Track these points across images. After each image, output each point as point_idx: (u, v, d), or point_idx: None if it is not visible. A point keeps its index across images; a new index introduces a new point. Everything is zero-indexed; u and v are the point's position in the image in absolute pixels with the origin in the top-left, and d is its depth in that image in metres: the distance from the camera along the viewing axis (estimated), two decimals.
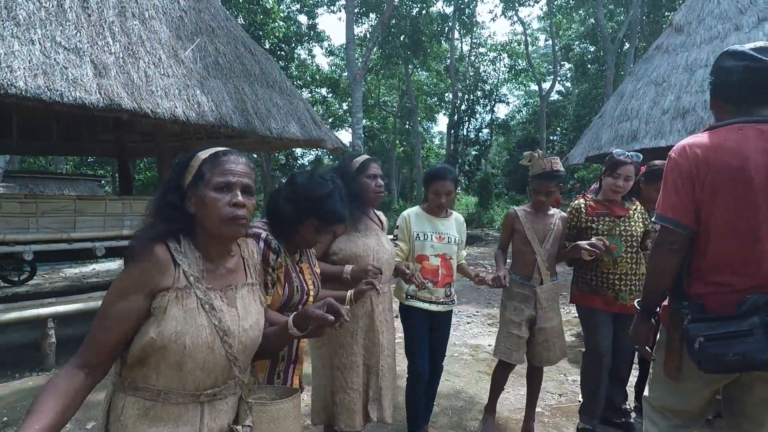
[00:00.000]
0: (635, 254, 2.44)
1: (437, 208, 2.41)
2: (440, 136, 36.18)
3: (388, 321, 2.19)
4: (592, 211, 2.50)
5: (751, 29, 10.04)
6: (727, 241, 1.40)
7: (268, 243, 1.43)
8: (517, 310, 2.49)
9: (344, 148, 7.43)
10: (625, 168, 2.40)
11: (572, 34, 26.10)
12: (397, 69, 22.20)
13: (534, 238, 2.45)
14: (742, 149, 1.37)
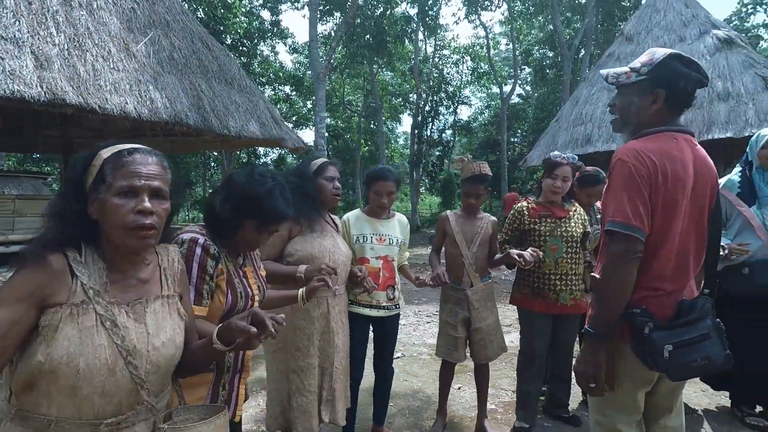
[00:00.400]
0: (575, 254, 2.51)
1: (379, 209, 2.39)
2: (405, 136, 36.41)
3: (343, 323, 2.20)
4: (534, 213, 2.55)
5: (693, 41, 10.69)
6: (669, 246, 1.41)
7: (206, 248, 1.35)
8: (452, 312, 2.56)
9: (306, 147, 7.35)
10: (562, 169, 2.46)
11: (532, 40, 26.90)
12: (361, 68, 22.15)
13: (462, 241, 2.52)
14: (683, 158, 1.40)
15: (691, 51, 10.46)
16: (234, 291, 1.41)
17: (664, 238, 1.40)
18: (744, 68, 9.40)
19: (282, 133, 6.36)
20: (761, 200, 2.48)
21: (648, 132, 1.45)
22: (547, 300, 2.51)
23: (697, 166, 1.43)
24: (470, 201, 2.53)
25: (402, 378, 3.54)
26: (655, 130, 1.44)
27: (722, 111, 9.18)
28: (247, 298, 1.45)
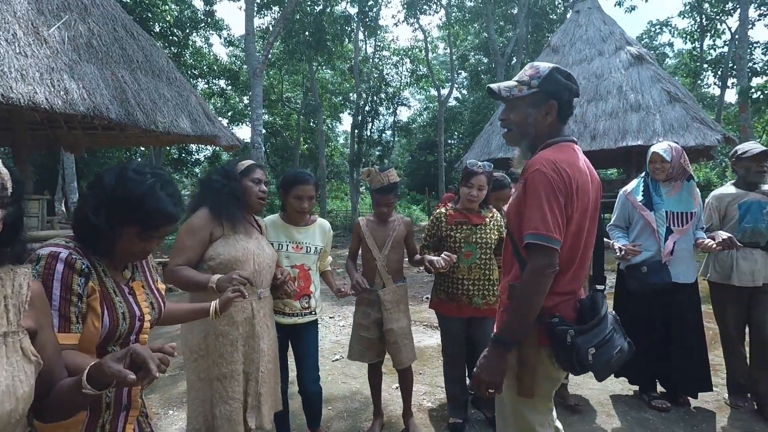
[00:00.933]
0: (488, 261, 2.55)
1: (298, 215, 2.31)
2: (345, 135, 36.33)
3: (269, 326, 2.13)
4: (451, 220, 2.57)
5: (610, 55, 11.61)
6: (575, 255, 1.46)
7: (71, 263, 1.11)
8: (365, 314, 2.59)
9: (241, 145, 7.08)
10: (477, 178, 2.48)
11: (468, 45, 27.90)
12: (300, 65, 21.77)
13: (374, 245, 2.56)
14: (584, 168, 1.47)
15: (609, 64, 11.40)
16: (113, 311, 1.17)
17: (580, 245, 1.46)
18: (652, 82, 10.40)
19: (215, 130, 6.09)
20: (655, 206, 2.78)
21: (553, 142, 1.47)
22: (460, 303, 2.55)
23: (591, 173, 1.51)
24: (382, 210, 2.55)
25: (340, 381, 3.52)
26: (558, 140, 1.48)
27: (634, 121, 10.10)
28: (133, 318, 1.22)
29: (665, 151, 2.72)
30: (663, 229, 2.74)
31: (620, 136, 10.21)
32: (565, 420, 2.70)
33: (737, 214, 2.77)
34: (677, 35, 26.16)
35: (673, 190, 2.78)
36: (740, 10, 17.59)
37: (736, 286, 2.73)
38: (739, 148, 2.82)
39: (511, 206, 1.55)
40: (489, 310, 2.53)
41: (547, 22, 23.32)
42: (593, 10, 12.69)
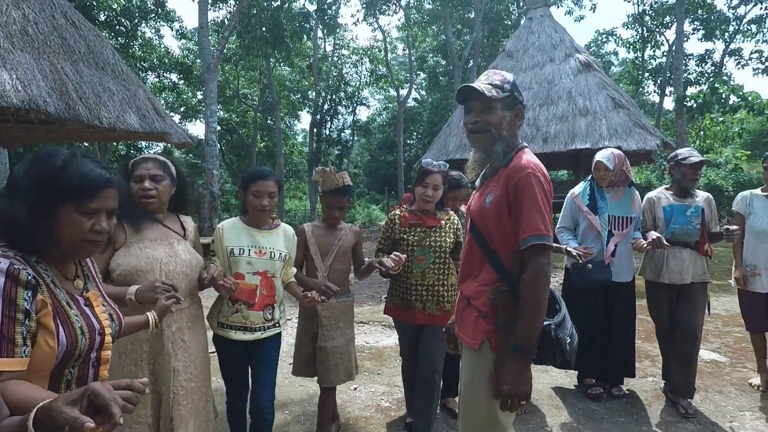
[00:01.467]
0: (443, 265, 2.43)
1: (260, 214, 2.11)
2: (303, 133, 35.87)
3: (186, 341, 1.85)
4: (405, 222, 2.46)
5: (561, 62, 12.10)
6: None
7: (14, 275, 0.94)
8: (304, 329, 2.47)
9: (194, 142, 6.82)
10: (433, 177, 2.38)
11: (426, 47, 28.27)
12: (257, 61, 21.27)
13: (317, 253, 2.39)
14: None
15: (560, 70, 11.89)
16: (70, 327, 1.02)
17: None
18: (599, 89, 10.95)
19: (166, 127, 5.82)
20: (599, 210, 2.93)
21: (523, 147, 1.53)
22: (414, 309, 2.43)
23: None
24: (334, 214, 2.40)
25: (297, 384, 3.48)
26: (525, 145, 1.55)
27: (583, 125, 10.60)
28: (93, 333, 1.07)
29: (608, 159, 2.86)
30: (605, 232, 2.89)
31: (570, 139, 10.67)
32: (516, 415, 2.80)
33: (662, 216, 2.95)
34: (621, 45, 27.73)
35: (616, 196, 2.93)
36: (676, 24, 18.86)
37: (666, 283, 2.91)
38: (680, 154, 2.96)
39: (488, 208, 1.51)
40: (442, 318, 2.37)
41: (503, 27, 24.04)
42: (545, 18, 13.19)
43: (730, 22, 21.96)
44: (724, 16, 21.87)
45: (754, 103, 14.30)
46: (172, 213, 1.96)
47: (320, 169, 2.38)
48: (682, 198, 2.95)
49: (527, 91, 12.15)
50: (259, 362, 2.18)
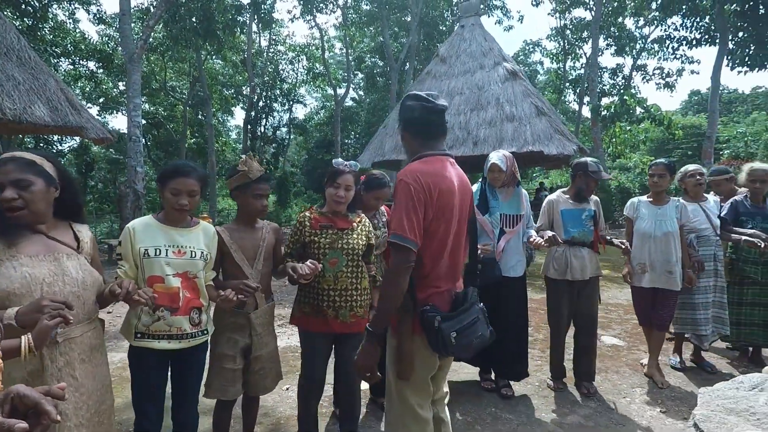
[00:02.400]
0: (356, 268, 2.35)
1: (177, 214, 1.94)
2: (237, 130, 34.59)
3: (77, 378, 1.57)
4: (316, 224, 2.36)
5: (490, 69, 12.75)
6: (443, 252, 1.68)
7: None
8: (230, 342, 2.20)
9: (114, 138, 6.38)
10: (344, 177, 2.33)
11: (364, 48, 28.41)
12: (187, 53, 20.23)
13: (243, 258, 2.20)
14: (450, 177, 1.69)
15: (489, 77, 12.52)
16: None
17: (442, 245, 1.68)
18: (524, 97, 11.67)
19: (82, 121, 5.42)
20: (491, 210, 3.11)
21: (420, 156, 1.71)
22: (326, 318, 2.31)
23: (459, 182, 1.73)
24: (263, 203, 2.24)
25: None
26: (427, 153, 1.71)
27: (509, 130, 11.25)
28: None
29: (501, 161, 3.04)
30: (498, 229, 3.07)
31: (498, 142, 11.26)
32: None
33: (561, 219, 3.23)
34: (546, 55, 29.70)
35: (507, 195, 3.13)
36: (592, 39, 20.56)
37: (569, 280, 3.20)
38: (590, 166, 3.18)
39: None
40: (357, 324, 2.35)
41: (438, 32, 24.78)
42: (476, 27, 13.82)
43: (637, 40, 24.32)
44: (633, 35, 24.18)
45: (656, 115, 16.02)
46: (63, 221, 1.65)
47: (244, 157, 2.19)
48: (578, 203, 3.22)
49: (459, 96, 12.68)
50: (182, 376, 2.00)
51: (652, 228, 3.28)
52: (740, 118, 35.37)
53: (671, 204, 3.35)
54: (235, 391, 2.23)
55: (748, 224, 3.50)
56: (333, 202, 2.36)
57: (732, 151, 26.52)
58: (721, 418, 1.45)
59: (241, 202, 2.24)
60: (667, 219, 3.29)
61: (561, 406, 3.08)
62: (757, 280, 3.51)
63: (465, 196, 1.77)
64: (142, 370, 1.94)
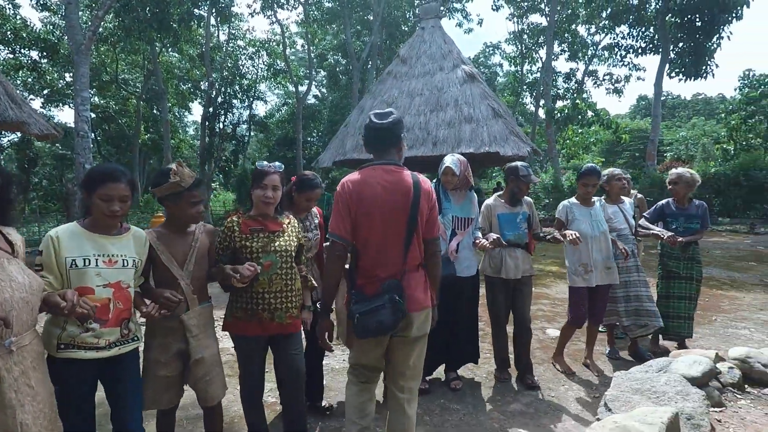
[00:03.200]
0: (290, 270, 2.34)
1: (109, 221, 1.85)
2: (195, 126, 33.57)
3: (33, 386, 1.52)
4: (246, 228, 2.31)
5: (449, 71, 13.03)
6: (372, 247, 1.99)
7: None
8: (163, 347, 2.12)
9: (59, 133, 6.05)
10: (270, 178, 2.29)
11: (327, 45, 28.28)
12: (140, 45, 19.43)
13: (172, 261, 2.13)
14: (375, 183, 1.99)
15: (448, 79, 12.80)
16: None
17: (365, 243, 2.00)
18: (481, 99, 12.02)
19: (22, 115, 5.15)
20: (444, 211, 3.20)
21: (362, 167, 2.08)
22: (261, 320, 2.28)
23: (390, 187, 1.99)
24: (199, 210, 2.17)
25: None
26: (365, 165, 2.08)
27: (467, 131, 11.56)
28: None
29: (455, 165, 3.14)
30: (450, 231, 3.18)
31: (456, 143, 11.56)
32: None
33: (498, 222, 3.39)
34: (505, 58, 30.59)
35: (459, 199, 3.25)
36: (546, 44, 21.38)
37: (504, 278, 3.37)
38: (521, 170, 3.35)
39: None
40: (293, 325, 2.37)
41: (400, 32, 25.00)
42: (436, 29, 14.08)
43: (589, 47, 25.49)
44: (585, 42, 25.32)
45: (604, 119, 16.91)
46: None
47: (174, 167, 2.09)
48: (512, 206, 3.41)
49: (419, 97, 12.89)
50: (119, 383, 1.91)
51: (590, 229, 3.46)
52: (682, 123, 37.78)
53: (597, 205, 3.59)
54: (170, 399, 2.15)
55: (672, 224, 3.80)
56: (261, 203, 2.31)
57: (674, 154, 28.32)
58: (628, 397, 1.64)
59: (174, 210, 2.16)
60: (600, 219, 3.52)
61: (505, 395, 3.25)
62: (679, 275, 3.81)
63: (396, 198, 1.99)
64: (66, 382, 1.78)
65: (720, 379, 2.41)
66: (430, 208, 2.06)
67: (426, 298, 2.05)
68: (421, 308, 2.02)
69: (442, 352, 3.32)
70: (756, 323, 4.79)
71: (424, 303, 2.03)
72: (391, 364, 2.12)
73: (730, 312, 5.25)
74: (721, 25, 15.91)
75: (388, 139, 2.07)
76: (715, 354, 2.66)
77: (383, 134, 2.06)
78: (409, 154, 12.09)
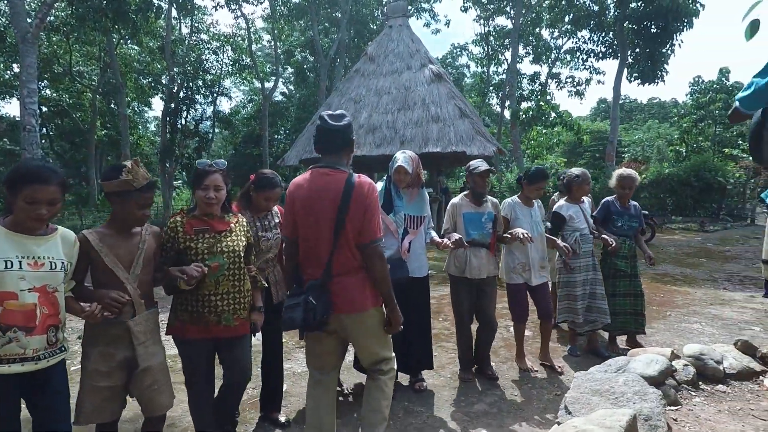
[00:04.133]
0: (238, 271, 2.27)
1: (33, 222, 1.72)
2: (156, 122, 32.35)
3: None
4: (191, 229, 2.22)
5: (416, 71, 13.04)
6: (302, 248, 2.11)
7: None
8: (105, 356, 1.98)
9: (2, 126, 5.62)
10: (211, 178, 2.22)
11: (294, 42, 27.82)
12: (96, 36, 18.49)
13: (116, 263, 2.00)
14: (306, 186, 2.07)
15: (416, 78, 12.82)
16: None
17: (300, 242, 2.11)
18: (448, 99, 12.11)
19: None
20: (396, 209, 3.14)
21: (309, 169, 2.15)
22: (207, 324, 2.21)
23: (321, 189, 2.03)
24: (145, 213, 2.07)
25: None
26: (310, 167, 2.15)
27: (434, 130, 11.62)
28: None
29: (407, 163, 3.07)
30: (402, 230, 3.11)
31: (423, 142, 11.59)
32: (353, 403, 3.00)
33: (462, 221, 3.38)
34: (472, 59, 31.01)
35: (412, 197, 3.19)
36: (512, 46, 21.82)
37: (468, 278, 3.36)
38: (471, 164, 3.36)
39: None
40: (242, 327, 2.32)
41: (368, 30, 24.92)
42: (404, 28, 14.09)
43: (552, 50, 26.19)
44: (548, 45, 26.00)
45: (566, 120, 17.41)
46: None
47: (130, 164, 1.99)
48: (477, 205, 3.40)
49: (387, 95, 12.86)
50: (46, 397, 1.80)
51: (530, 229, 3.47)
52: (639, 126, 39.48)
53: (536, 205, 3.66)
54: (113, 411, 2.03)
55: (618, 222, 3.95)
56: (204, 204, 2.24)
57: (632, 155, 29.54)
58: (587, 398, 1.63)
59: (119, 209, 2.03)
60: (538, 219, 3.60)
61: (469, 396, 3.24)
62: (626, 273, 3.93)
63: (323, 203, 2.02)
64: None
65: (676, 377, 2.47)
66: (364, 213, 2.00)
67: (364, 300, 2.04)
68: (357, 310, 2.03)
69: (400, 360, 3.24)
70: (707, 317, 5.00)
71: (360, 305, 2.03)
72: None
73: (683, 307, 5.47)
74: (674, 33, 16.67)
75: (338, 142, 2.08)
76: (671, 352, 2.72)
77: (334, 136, 2.08)
78: (377, 152, 12.06)
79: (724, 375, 2.62)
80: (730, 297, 5.99)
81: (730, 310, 5.32)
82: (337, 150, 2.10)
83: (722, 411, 2.32)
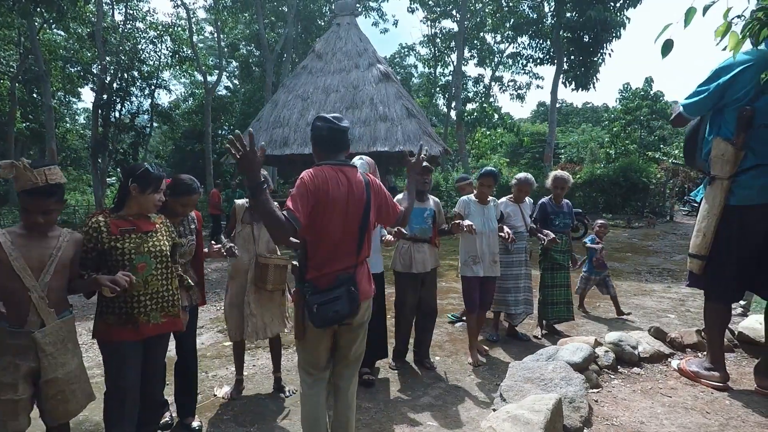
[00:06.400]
0: (165, 269, 2.27)
1: None
2: (87, 114, 30.11)
3: None
4: (116, 229, 2.18)
5: (364, 70, 13.09)
6: (326, 242, 2.03)
7: None
8: (9, 368, 1.89)
9: None
10: (163, 182, 2.29)
11: (239, 35, 26.95)
12: (14, 18, 16.92)
13: (25, 269, 1.89)
14: (339, 181, 2.06)
15: (364, 77, 12.87)
16: None
17: (322, 237, 2.03)
18: (396, 98, 12.27)
19: None
20: None
21: (316, 164, 2.13)
22: (137, 325, 2.18)
23: (349, 187, 2.07)
24: (36, 220, 1.94)
25: None
26: (320, 163, 2.13)
27: (382, 129, 11.74)
28: None
29: (364, 168, 3.14)
30: None
31: (372, 141, 11.68)
32: None
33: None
34: (419, 60, 31.54)
35: None
36: (457, 49, 22.45)
37: (414, 272, 3.55)
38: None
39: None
40: (169, 323, 2.32)
41: (315, 27, 24.64)
42: (351, 26, 14.08)
43: (495, 54, 27.23)
44: (492, 49, 27.01)
45: (507, 122, 18.20)
46: None
47: (7, 163, 1.86)
48: (420, 202, 3.59)
49: (335, 94, 12.82)
50: None
51: (482, 225, 3.71)
52: (574, 128, 41.96)
53: (492, 204, 3.89)
54: (19, 425, 1.91)
55: (555, 221, 4.31)
56: (153, 207, 2.29)
57: (567, 156, 31.35)
58: (520, 386, 1.76)
59: (22, 209, 1.93)
60: (491, 217, 3.84)
61: (415, 389, 3.35)
62: (563, 266, 4.33)
63: (355, 198, 2.09)
64: None
65: (598, 362, 2.70)
66: (385, 200, 2.27)
67: (370, 289, 2.22)
68: (366, 298, 2.18)
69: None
70: (630, 307, 5.46)
71: (368, 293, 2.19)
72: (337, 352, 2.23)
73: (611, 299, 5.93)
74: (604, 42, 17.89)
75: (344, 142, 2.17)
76: (595, 340, 2.98)
77: (342, 137, 2.16)
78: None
79: (639, 359, 2.90)
80: (650, 288, 6.57)
81: (650, 300, 5.85)
82: (346, 148, 2.21)
83: (636, 391, 2.57)
